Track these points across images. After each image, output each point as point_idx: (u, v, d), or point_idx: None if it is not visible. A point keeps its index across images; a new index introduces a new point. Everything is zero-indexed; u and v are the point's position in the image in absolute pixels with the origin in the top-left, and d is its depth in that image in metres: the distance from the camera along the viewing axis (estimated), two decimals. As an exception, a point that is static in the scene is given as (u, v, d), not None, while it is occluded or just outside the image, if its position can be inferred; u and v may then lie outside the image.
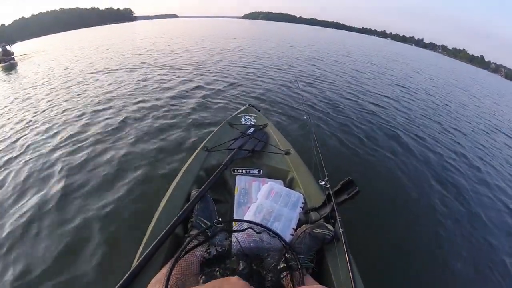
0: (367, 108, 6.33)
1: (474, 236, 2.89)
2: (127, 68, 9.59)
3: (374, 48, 34.28)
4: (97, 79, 8.00)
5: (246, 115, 2.97)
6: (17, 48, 19.16)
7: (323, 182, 1.63)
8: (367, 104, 6.62)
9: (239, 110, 3.13)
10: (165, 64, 9.85)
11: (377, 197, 3.02)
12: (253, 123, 2.79)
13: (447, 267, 2.44)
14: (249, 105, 3.32)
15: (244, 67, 9.57)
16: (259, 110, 3.21)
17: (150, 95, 6.11)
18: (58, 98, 6.28)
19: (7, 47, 16.50)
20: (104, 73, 8.90)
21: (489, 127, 7.47)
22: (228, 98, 5.87)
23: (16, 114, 5.48)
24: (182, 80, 7.42)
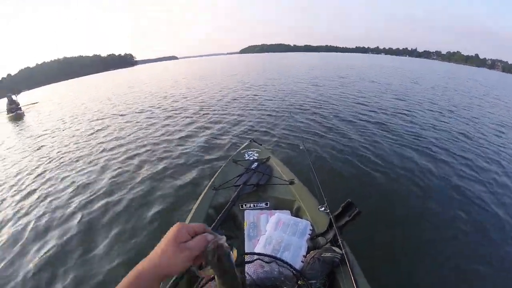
0: (364, 126, 6.44)
1: (490, 249, 2.81)
2: (134, 112, 9.95)
3: (368, 65, 34.86)
4: (105, 125, 8.30)
5: (249, 151, 3.08)
6: (24, 98, 19.42)
7: (323, 208, 1.71)
8: (362, 123, 6.74)
9: (242, 146, 3.25)
10: (169, 106, 10.19)
11: (380, 214, 3.02)
12: (256, 158, 2.88)
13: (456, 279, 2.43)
14: (250, 140, 3.42)
15: (243, 102, 9.86)
16: (260, 144, 3.33)
17: (158, 138, 6.34)
18: (68, 147, 6.49)
19: (13, 97, 16.78)
20: (111, 119, 9.25)
21: (496, 125, 7.43)
22: (231, 135, 6.03)
23: (27, 165, 5.69)
24: (187, 121, 7.69)
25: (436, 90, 13.75)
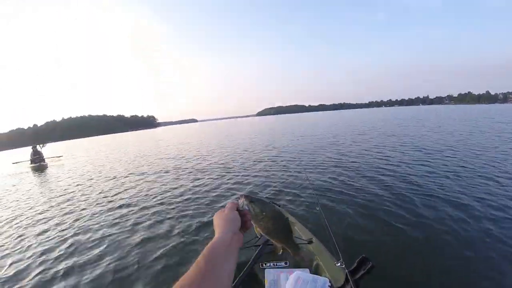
0: (379, 179, 6.45)
1: None
2: (155, 172, 10.30)
3: (379, 118, 35.82)
4: (127, 185, 8.56)
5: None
6: (48, 150, 20.18)
7: (339, 264, 1.81)
8: (377, 176, 6.75)
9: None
10: (192, 168, 10.44)
11: (394, 267, 2.98)
12: None
13: None
14: (271, 202, 3.53)
15: (260, 162, 10.15)
16: (279, 206, 3.43)
17: (179, 199, 6.46)
18: (86, 206, 6.64)
19: (38, 147, 17.37)
20: (134, 178, 9.59)
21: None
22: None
23: (51, 218, 5.94)
24: (210, 182, 7.80)
25: (452, 135, 13.74)
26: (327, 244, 2.28)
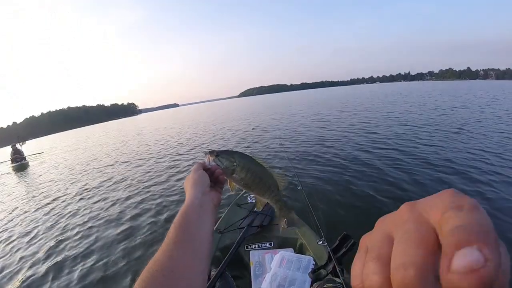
0: (358, 156, 6.51)
1: None
2: (136, 159, 10.25)
3: (364, 96, 35.88)
4: (109, 175, 8.43)
5: (251, 194, 3.16)
6: (29, 146, 19.65)
7: (321, 242, 1.82)
8: (357, 152, 6.82)
9: (244, 191, 3.36)
10: (172, 153, 10.39)
11: None
12: None
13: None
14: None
15: (244, 144, 10.10)
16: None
17: (160, 183, 6.47)
18: (71, 204, 6.34)
19: (18, 145, 16.72)
20: (117, 168, 9.49)
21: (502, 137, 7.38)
22: None
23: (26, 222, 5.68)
24: (191, 165, 7.76)
25: (436, 111, 13.82)
26: (309, 223, 2.29)
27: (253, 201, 2.95)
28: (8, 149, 17.45)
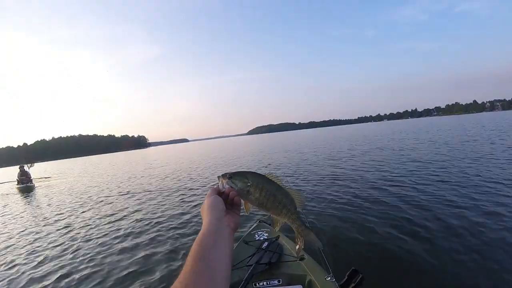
0: (364, 191, 6.52)
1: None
2: (146, 191, 10.27)
3: (373, 134, 35.79)
4: (117, 207, 8.28)
5: (259, 231, 3.17)
6: (37, 169, 19.58)
7: (329, 278, 1.81)
8: (363, 189, 6.81)
9: (252, 228, 3.36)
10: (181, 187, 10.35)
11: (386, 275, 3.03)
12: (266, 237, 2.95)
13: None
14: (259, 221, 3.54)
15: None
16: (269, 224, 3.39)
17: (168, 219, 6.34)
18: (74, 231, 6.27)
19: (25, 167, 16.92)
20: (121, 199, 9.47)
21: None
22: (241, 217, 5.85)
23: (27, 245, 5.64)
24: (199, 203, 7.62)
25: (447, 146, 13.92)
26: (318, 259, 2.28)
27: (261, 238, 2.96)
28: (16, 169, 17.54)
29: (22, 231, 6.73)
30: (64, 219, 7.54)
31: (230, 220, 0.65)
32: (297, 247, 0.78)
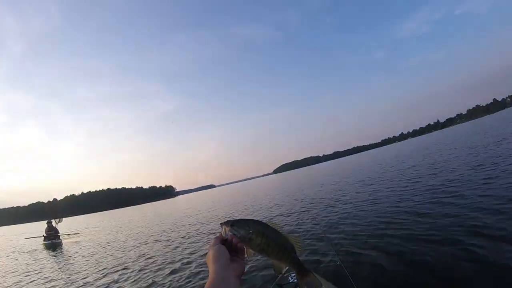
0: (405, 229, 5.93)
1: None
2: (179, 242, 10.22)
3: (403, 154, 35.09)
4: (147, 267, 7.70)
5: (292, 273, 2.98)
6: (65, 224, 19.66)
7: None
8: (401, 225, 6.24)
9: (284, 269, 3.09)
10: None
11: None
12: None
13: None
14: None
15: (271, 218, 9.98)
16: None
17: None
18: None
19: (53, 222, 16.68)
20: (156, 260, 8.60)
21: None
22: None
23: None
24: None
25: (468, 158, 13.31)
26: None
27: (294, 280, 2.84)
28: (44, 225, 17.33)
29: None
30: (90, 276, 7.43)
31: (236, 267, 0.66)
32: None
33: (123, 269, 7.80)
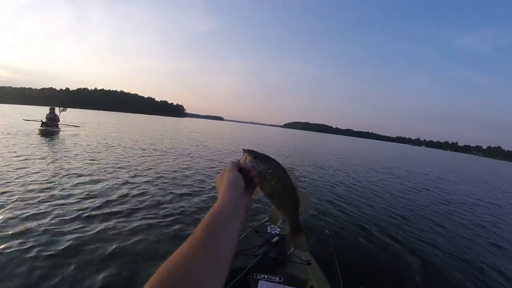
0: (397, 215, 6.42)
1: None
2: (179, 154, 11.10)
3: (417, 158, 35.08)
4: (130, 164, 8.56)
5: (272, 224, 3.09)
6: (69, 113, 19.62)
7: None
8: (395, 211, 6.78)
9: (266, 219, 3.33)
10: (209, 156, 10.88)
11: None
12: (277, 232, 2.89)
13: None
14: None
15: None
16: (284, 221, 3.33)
17: (180, 183, 6.77)
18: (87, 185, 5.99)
19: (57, 110, 15.78)
20: (148, 159, 9.73)
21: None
22: (260, 205, 5.50)
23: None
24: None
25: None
26: (325, 269, 2.22)
27: (273, 231, 2.91)
28: (46, 110, 16.05)
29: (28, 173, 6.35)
30: (81, 166, 7.60)
31: (246, 200, 0.63)
32: (290, 244, 0.80)
33: (114, 171, 7.45)
